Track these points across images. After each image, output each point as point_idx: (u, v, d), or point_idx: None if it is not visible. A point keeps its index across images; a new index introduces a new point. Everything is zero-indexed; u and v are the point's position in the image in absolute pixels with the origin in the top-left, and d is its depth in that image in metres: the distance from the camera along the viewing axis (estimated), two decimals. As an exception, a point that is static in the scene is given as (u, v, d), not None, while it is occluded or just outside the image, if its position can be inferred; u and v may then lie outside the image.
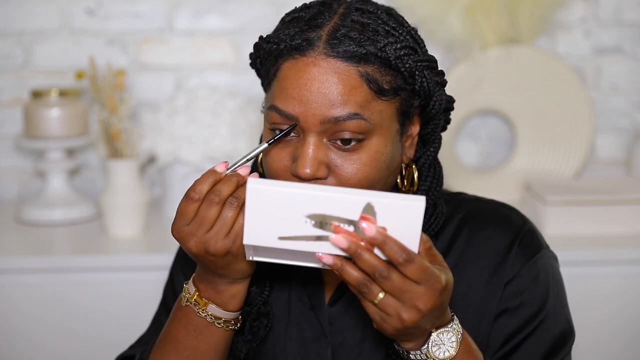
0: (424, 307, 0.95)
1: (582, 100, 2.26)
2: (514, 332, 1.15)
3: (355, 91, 1.05)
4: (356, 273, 0.95)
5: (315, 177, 1.06)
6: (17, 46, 2.29)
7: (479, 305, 1.16)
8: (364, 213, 0.93)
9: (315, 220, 0.94)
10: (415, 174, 1.15)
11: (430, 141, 1.17)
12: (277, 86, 1.08)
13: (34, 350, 1.90)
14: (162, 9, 2.31)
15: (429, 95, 1.11)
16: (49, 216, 2.12)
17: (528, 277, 1.16)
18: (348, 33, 1.06)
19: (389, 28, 1.09)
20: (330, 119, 1.05)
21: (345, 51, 1.05)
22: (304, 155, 1.06)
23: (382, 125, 1.08)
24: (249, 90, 2.32)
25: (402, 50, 1.07)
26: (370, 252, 0.94)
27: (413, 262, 0.93)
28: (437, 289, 0.95)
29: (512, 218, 1.20)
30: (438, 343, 1.01)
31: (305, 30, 1.07)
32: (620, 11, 2.36)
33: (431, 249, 0.98)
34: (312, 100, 1.05)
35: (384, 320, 0.96)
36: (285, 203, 0.94)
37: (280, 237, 0.95)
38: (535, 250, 1.18)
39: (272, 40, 1.09)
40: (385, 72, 1.07)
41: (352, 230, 0.94)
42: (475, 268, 1.17)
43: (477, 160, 2.41)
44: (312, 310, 1.20)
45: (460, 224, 1.20)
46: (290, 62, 1.07)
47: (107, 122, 2.03)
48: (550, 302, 1.17)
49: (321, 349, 1.19)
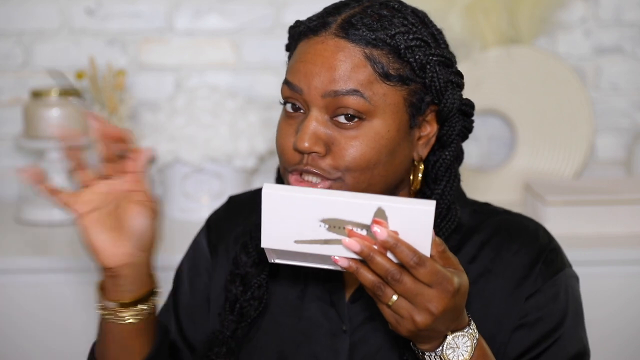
0: (436, 309, 0.96)
1: (582, 100, 2.26)
2: (529, 347, 1.16)
3: (358, 69, 1.07)
4: (371, 276, 0.96)
5: (312, 151, 1.08)
6: (17, 46, 2.29)
7: (499, 315, 1.16)
8: (376, 217, 0.95)
9: (329, 224, 0.96)
10: (419, 173, 1.16)
11: (446, 144, 1.17)
12: (291, 62, 1.13)
13: (34, 350, 1.90)
14: (162, 9, 2.31)
15: (440, 92, 1.12)
16: (49, 216, 2.12)
17: (548, 294, 1.17)
18: (362, 20, 1.09)
19: (407, 22, 1.11)
20: (331, 93, 1.07)
21: (354, 34, 1.08)
22: (303, 129, 1.08)
23: (385, 110, 1.08)
24: (249, 90, 2.32)
25: (413, 41, 1.09)
26: (383, 255, 0.95)
27: (424, 265, 0.94)
28: (449, 292, 0.96)
29: (539, 235, 1.21)
30: (453, 346, 1.02)
31: (325, 15, 1.12)
32: (620, 11, 2.36)
33: (445, 252, 0.98)
34: (316, 73, 1.08)
35: (398, 323, 0.98)
36: (299, 208, 0.96)
37: (295, 240, 0.98)
38: (558, 268, 1.19)
39: (296, 25, 1.15)
40: (393, 59, 1.09)
41: (365, 233, 0.96)
42: (499, 279, 1.18)
43: (477, 160, 2.41)
44: (333, 306, 1.21)
45: (490, 234, 1.20)
46: (304, 41, 1.11)
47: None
48: (567, 321, 1.17)
49: (337, 344, 1.19)
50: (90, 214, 1.06)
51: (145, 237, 1.09)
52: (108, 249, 1.07)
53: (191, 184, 2.14)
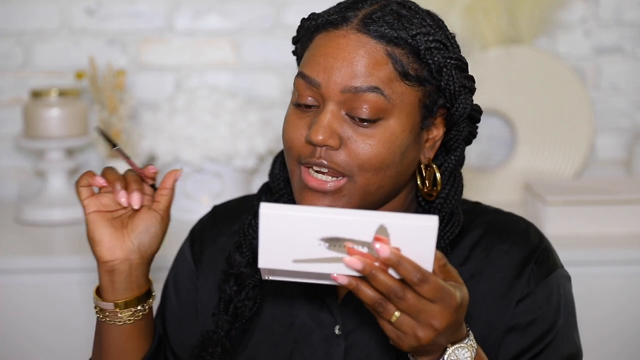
0: (440, 325, 0.95)
1: (582, 100, 2.26)
2: (523, 349, 1.15)
3: (379, 66, 1.07)
4: (371, 292, 0.95)
5: (326, 144, 1.07)
6: (17, 46, 2.29)
7: (490, 317, 1.16)
8: (377, 234, 0.93)
9: (329, 242, 0.94)
10: (437, 174, 1.15)
11: (452, 149, 1.17)
12: (307, 55, 1.11)
13: (34, 350, 1.90)
14: (162, 9, 2.31)
15: (454, 96, 1.11)
16: (49, 216, 2.12)
17: (541, 296, 1.16)
18: (383, 16, 1.08)
19: (425, 23, 1.10)
20: (351, 89, 1.06)
21: (376, 30, 1.07)
22: (319, 122, 1.07)
23: (402, 109, 1.08)
24: (249, 90, 2.32)
25: (433, 43, 1.09)
26: (385, 272, 0.94)
27: (428, 281, 0.93)
28: (452, 307, 0.95)
29: (530, 234, 1.20)
30: (453, 358, 1.01)
31: (344, 10, 1.10)
32: (620, 11, 2.36)
33: (445, 266, 0.98)
34: (337, 67, 1.07)
35: (400, 339, 0.97)
36: (298, 227, 0.94)
37: (294, 259, 0.96)
38: (550, 269, 1.18)
39: (312, 18, 1.13)
40: (412, 59, 1.08)
41: (366, 251, 0.94)
42: (490, 280, 1.17)
43: (477, 160, 2.41)
44: (324, 310, 1.20)
45: (480, 235, 1.20)
46: (323, 34, 1.10)
47: (107, 122, 2.03)
48: (560, 323, 1.17)
49: (332, 349, 1.19)
50: (100, 212, 1.11)
51: (149, 240, 1.12)
52: (108, 242, 1.11)
53: (191, 184, 2.14)
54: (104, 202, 1.12)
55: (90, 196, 1.11)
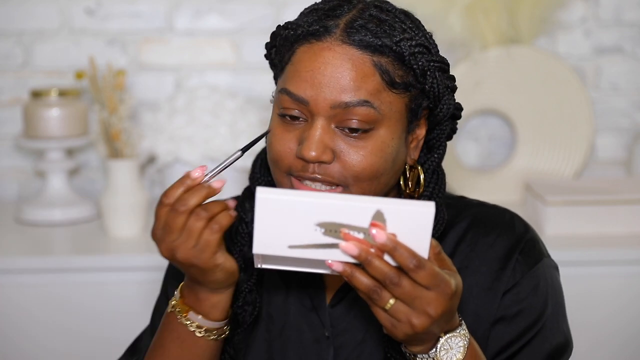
0: (435, 312, 0.95)
1: (582, 100, 2.26)
2: (511, 340, 1.15)
3: (367, 79, 1.06)
4: (366, 280, 0.95)
5: (320, 160, 1.06)
6: (17, 46, 2.29)
7: (478, 310, 1.16)
8: (374, 220, 0.93)
9: (325, 228, 0.94)
10: (421, 175, 1.15)
11: (435, 147, 1.17)
12: (291, 69, 1.08)
13: (34, 350, 1.90)
14: (162, 9, 2.31)
15: (438, 98, 1.11)
16: (49, 216, 2.12)
17: (528, 287, 1.16)
18: (365, 24, 1.07)
19: (406, 27, 1.10)
20: (341, 104, 1.05)
21: (361, 40, 1.06)
22: (310, 138, 1.06)
23: (391, 118, 1.08)
24: (249, 90, 2.32)
25: (416, 47, 1.08)
26: (381, 258, 0.94)
27: (424, 267, 0.93)
28: (448, 294, 0.95)
29: (515, 225, 1.20)
30: (446, 347, 1.01)
31: (323, 19, 1.08)
32: (620, 11, 2.36)
33: (440, 254, 0.98)
34: (325, 83, 1.05)
35: (395, 326, 0.96)
36: (295, 212, 0.93)
37: (290, 245, 0.95)
38: (536, 259, 1.18)
39: (289, 27, 1.10)
40: (398, 66, 1.08)
41: (362, 237, 0.94)
42: (477, 273, 1.17)
43: (477, 160, 2.41)
44: (314, 311, 1.20)
45: (464, 229, 1.20)
46: (306, 47, 1.08)
47: (107, 122, 2.03)
48: (548, 312, 1.17)
49: (322, 350, 1.19)
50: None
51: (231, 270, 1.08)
52: (228, 261, 1.06)
53: (191, 184, 2.14)
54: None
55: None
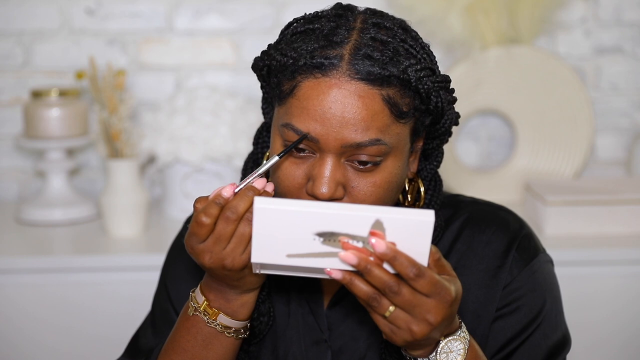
0: (435, 320, 0.95)
1: (582, 100, 2.26)
2: (511, 337, 1.16)
3: (377, 116, 1.03)
4: (366, 287, 0.95)
5: (333, 198, 1.05)
6: (17, 46, 2.29)
7: (477, 308, 1.16)
8: (373, 229, 0.93)
9: (323, 237, 0.94)
10: (421, 188, 1.15)
11: (433, 155, 1.17)
12: (296, 105, 1.05)
13: (34, 350, 1.90)
14: (162, 9, 2.31)
15: (441, 114, 1.11)
16: (49, 216, 2.12)
17: (526, 282, 1.17)
18: (370, 53, 1.03)
19: (408, 46, 1.07)
20: (352, 144, 1.03)
21: (368, 72, 1.03)
22: (321, 176, 1.04)
23: (398, 147, 1.07)
24: (249, 90, 2.32)
25: (422, 71, 1.06)
26: (380, 267, 0.94)
27: (424, 276, 0.93)
28: (448, 301, 0.95)
29: (510, 222, 1.21)
30: (446, 351, 1.01)
31: (324, 47, 1.04)
32: (620, 11, 2.36)
33: (439, 260, 0.98)
34: (335, 123, 1.03)
35: (394, 333, 0.97)
36: (293, 222, 0.93)
37: (288, 254, 0.95)
38: (533, 255, 1.19)
39: (288, 54, 1.06)
40: (404, 93, 1.05)
41: (361, 245, 0.94)
42: (474, 271, 1.18)
43: (477, 160, 2.41)
44: (312, 314, 1.20)
45: (460, 227, 1.20)
46: (312, 81, 1.04)
47: (107, 122, 2.03)
48: (547, 307, 1.17)
49: (321, 353, 1.19)
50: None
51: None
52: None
53: (191, 184, 2.14)
54: None
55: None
